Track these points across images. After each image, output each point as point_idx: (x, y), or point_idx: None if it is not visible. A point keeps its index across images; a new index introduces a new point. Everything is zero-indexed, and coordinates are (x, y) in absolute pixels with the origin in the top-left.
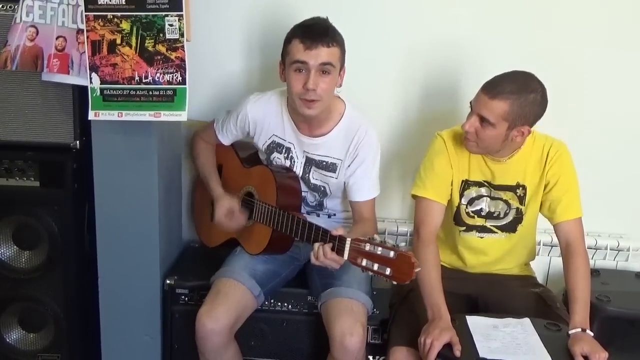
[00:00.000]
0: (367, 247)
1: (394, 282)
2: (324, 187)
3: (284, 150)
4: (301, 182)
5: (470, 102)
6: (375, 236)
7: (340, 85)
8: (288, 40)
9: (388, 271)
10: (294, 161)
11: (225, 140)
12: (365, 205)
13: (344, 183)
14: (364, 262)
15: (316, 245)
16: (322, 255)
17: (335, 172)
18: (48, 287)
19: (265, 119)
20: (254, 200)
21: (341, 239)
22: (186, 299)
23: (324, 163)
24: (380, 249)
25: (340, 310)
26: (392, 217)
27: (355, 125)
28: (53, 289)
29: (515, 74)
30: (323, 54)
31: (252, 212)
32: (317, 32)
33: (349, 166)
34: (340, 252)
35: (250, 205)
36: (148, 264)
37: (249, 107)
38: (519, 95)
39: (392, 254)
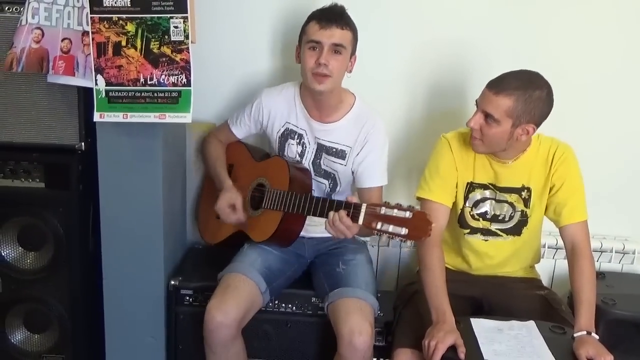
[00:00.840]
0: (383, 210)
1: (409, 242)
2: (334, 174)
3: (296, 136)
4: (312, 167)
5: (476, 101)
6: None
7: (351, 72)
8: (306, 23)
9: (404, 231)
10: (306, 147)
11: (239, 132)
12: (374, 193)
13: (353, 172)
14: (379, 225)
15: (331, 212)
16: (337, 219)
17: (344, 160)
18: (53, 288)
19: (279, 107)
20: (265, 190)
21: (356, 206)
22: (190, 299)
23: (334, 150)
24: (396, 210)
25: (349, 309)
26: None
27: (365, 115)
28: (58, 290)
29: (520, 72)
30: (336, 34)
31: (262, 202)
32: (332, 14)
33: (357, 154)
34: (355, 218)
35: (260, 196)
36: (152, 265)
37: (263, 97)
38: (524, 92)
39: (408, 214)
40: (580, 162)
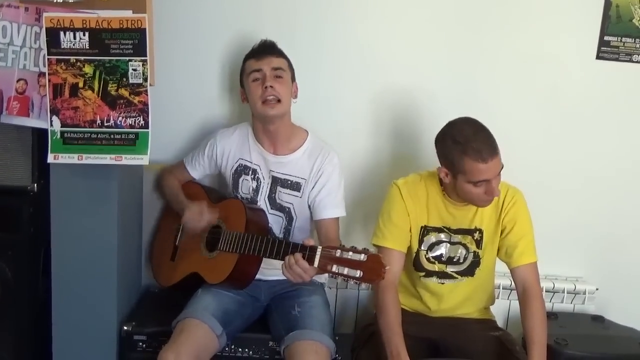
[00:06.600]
0: (338, 252)
1: (364, 285)
2: (289, 208)
3: (250, 172)
4: (268, 202)
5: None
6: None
7: (296, 97)
8: (243, 64)
9: (358, 273)
10: (260, 182)
11: (195, 172)
12: (331, 225)
13: (309, 206)
14: (334, 268)
15: (287, 256)
16: (293, 262)
17: (299, 192)
18: None
19: (233, 145)
20: (221, 231)
21: (312, 248)
22: (144, 345)
23: (289, 182)
24: (351, 252)
25: (304, 352)
26: None
27: (319, 147)
28: (4, 339)
29: (483, 132)
30: (274, 61)
31: (217, 244)
32: (264, 47)
33: (313, 187)
34: (310, 261)
35: (215, 238)
36: (104, 309)
37: (218, 136)
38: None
39: (362, 256)
40: (531, 205)
